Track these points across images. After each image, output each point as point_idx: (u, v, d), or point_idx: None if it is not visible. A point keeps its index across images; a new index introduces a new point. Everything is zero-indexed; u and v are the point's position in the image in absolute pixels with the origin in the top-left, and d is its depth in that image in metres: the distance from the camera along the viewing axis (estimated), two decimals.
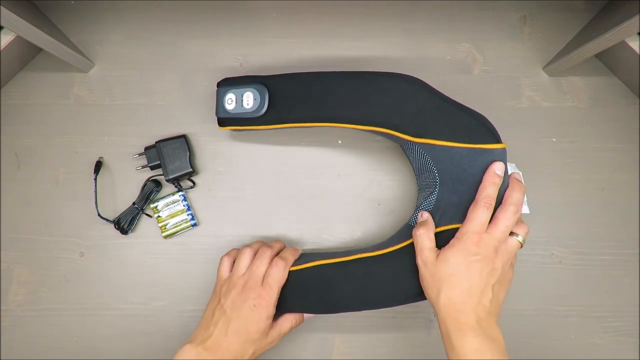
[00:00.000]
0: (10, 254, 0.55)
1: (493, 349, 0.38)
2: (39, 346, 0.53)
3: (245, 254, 0.47)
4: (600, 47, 0.51)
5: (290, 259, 0.47)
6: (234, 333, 0.43)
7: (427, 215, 0.46)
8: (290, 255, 0.48)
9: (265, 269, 0.46)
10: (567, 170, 0.57)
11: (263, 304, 0.44)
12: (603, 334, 0.54)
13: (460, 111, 0.45)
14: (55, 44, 0.51)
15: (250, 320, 0.43)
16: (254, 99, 0.50)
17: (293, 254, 0.48)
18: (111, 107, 0.58)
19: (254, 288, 0.44)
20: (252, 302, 0.44)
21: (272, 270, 0.45)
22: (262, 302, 0.44)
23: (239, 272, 0.46)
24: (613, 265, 0.55)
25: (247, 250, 0.47)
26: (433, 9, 0.60)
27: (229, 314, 0.43)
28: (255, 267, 0.46)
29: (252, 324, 0.43)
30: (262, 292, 0.44)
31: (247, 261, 0.47)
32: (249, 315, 0.43)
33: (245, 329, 0.43)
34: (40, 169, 0.56)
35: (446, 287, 0.41)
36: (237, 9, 0.60)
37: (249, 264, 0.47)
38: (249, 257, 0.47)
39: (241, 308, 0.44)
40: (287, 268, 0.46)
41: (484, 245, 0.41)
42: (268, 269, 0.46)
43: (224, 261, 0.48)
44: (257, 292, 0.44)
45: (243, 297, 0.44)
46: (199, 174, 0.56)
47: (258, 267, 0.46)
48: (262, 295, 0.44)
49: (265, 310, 0.44)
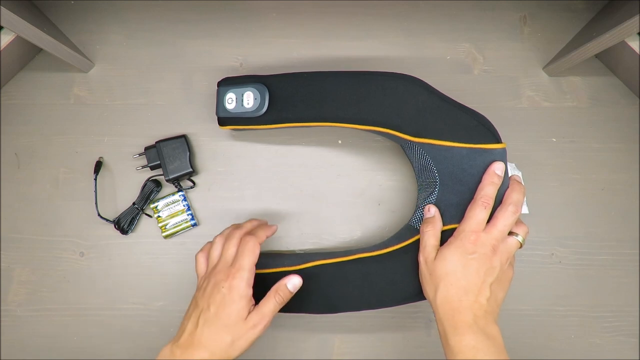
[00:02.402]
0: (10, 254, 0.55)
1: (490, 346, 0.38)
2: (39, 346, 0.53)
3: (217, 242, 0.45)
4: (600, 47, 0.51)
5: (261, 233, 0.45)
6: (205, 323, 0.40)
7: (434, 210, 0.45)
8: (262, 231, 0.46)
9: (235, 249, 0.43)
10: (567, 170, 0.57)
11: (234, 284, 0.41)
12: (603, 334, 0.54)
13: (460, 111, 0.45)
14: (55, 44, 0.51)
15: (221, 305, 0.40)
16: (254, 99, 0.50)
17: (264, 229, 0.46)
18: (111, 107, 0.58)
19: (222, 270, 0.42)
20: (221, 284, 0.41)
21: (240, 247, 0.43)
22: (233, 282, 0.41)
23: (212, 262, 0.44)
24: (613, 265, 0.55)
25: (218, 238, 0.45)
26: (433, 9, 0.60)
27: (200, 305, 0.41)
28: (225, 249, 0.44)
29: (224, 309, 0.40)
30: (231, 271, 0.41)
31: (219, 249, 0.44)
32: (220, 300, 0.40)
33: (217, 316, 0.40)
34: (40, 169, 0.56)
35: (443, 285, 0.41)
36: (237, 9, 0.60)
37: (221, 250, 0.44)
38: (220, 245, 0.45)
39: (212, 295, 0.41)
40: (257, 245, 0.43)
41: (481, 244, 0.41)
42: (238, 247, 0.43)
43: (199, 258, 0.46)
44: (226, 274, 0.41)
45: (213, 283, 0.42)
46: (199, 174, 0.56)
47: (227, 249, 0.43)
48: (231, 275, 0.41)
49: (236, 290, 0.41)
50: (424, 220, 0.46)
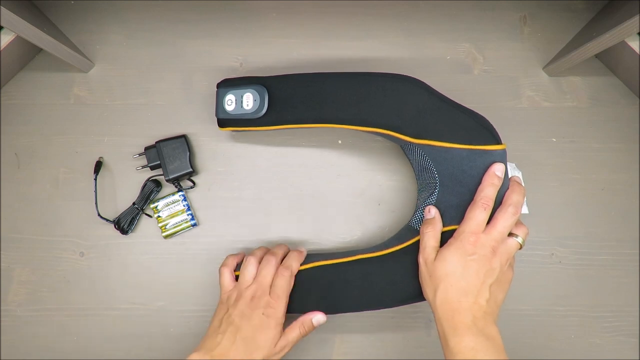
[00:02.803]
0: (10, 254, 0.55)
1: (489, 347, 0.38)
2: (39, 346, 0.53)
3: (251, 263, 0.47)
4: (600, 47, 0.51)
5: (295, 265, 0.47)
6: (242, 341, 0.43)
7: (434, 211, 0.45)
8: (295, 261, 0.47)
9: (271, 278, 0.46)
10: (567, 170, 0.57)
11: (272, 314, 0.44)
12: (603, 334, 0.54)
13: (460, 112, 0.45)
14: (55, 44, 0.51)
15: (259, 329, 0.43)
16: (253, 100, 0.50)
17: (297, 259, 0.48)
18: (111, 107, 0.58)
19: (262, 297, 0.44)
20: (261, 310, 0.44)
21: (279, 280, 0.45)
22: (272, 311, 0.44)
23: (245, 282, 0.46)
24: (613, 265, 0.55)
25: (252, 260, 0.47)
26: (433, 9, 0.60)
27: (237, 323, 0.43)
28: (262, 277, 0.46)
29: (260, 333, 0.43)
30: (271, 301, 0.44)
31: (253, 270, 0.47)
32: (258, 324, 0.43)
33: (254, 338, 0.43)
34: (40, 169, 0.56)
35: (443, 287, 0.41)
36: (237, 9, 0.60)
37: (255, 273, 0.47)
38: (254, 266, 0.47)
39: (250, 317, 0.44)
40: (293, 276, 0.46)
41: (480, 245, 0.41)
42: (274, 279, 0.46)
43: (224, 272, 0.48)
44: (266, 301, 0.44)
45: (252, 306, 0.44)
46: (199, 174, 0.56)
47: (265, 277, 0.46)
48: (271, 304, 0.44)
49: (274, 319, 0.44)
50: (424, 221, 0.46)
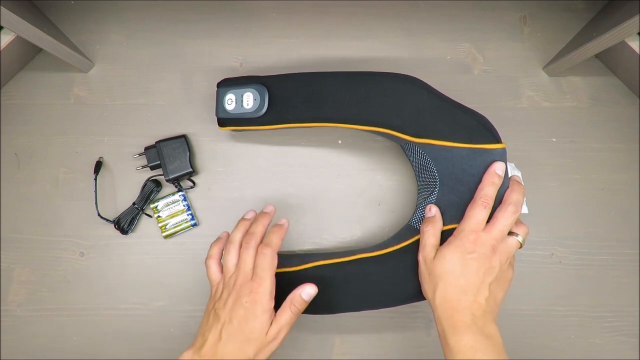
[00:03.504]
0: (10, 254, 0.55)
1: (488, 346, 0.38)
2: (39, 346, 0.53)
3: (231, 251, 0.45)
4: (600, 47, 0.51)
5: (276, 240, 0.45)
6: (228, 336, 0.41)
7: (435, 210, 0.45)
8: (275, 236, 0.45)
9: (252, 260, 0.43)
10: (567, 170, 0.57)
11: (257, 299, 0.41)
12: (603, 334, 0.54)
13: (460, 111, 0.45)
14: (55, 44, 0.51)
15: (244, 320, 0.41)
16: (253, 100, 0.50)
17: (278, 234, 0.45)
18: (111, 107, 0.58)
19: (244, 284, 0.42)
20: (244, 299, 0.42)
21: (259, 260, 0.43)
22: (256, 296, 0.41)
23: (228, 271, 0.44)
24: (613, 265, 0.55)
25: (231, 247, 0.45)
26: (433, 9, 0.60)
27: (222, 318, 0.42)
28: (242, 262, 0.43)
29: (247, 324, 0.41)
30: (253, 285, 0.42)
31: (234, 258, 0.45)
32: (242, 315, 0.41)
33: (241, 330, 0.41)
34: (40, 169, 0.56)
35: (442, 285, 0.41)
36: (237, 9, 0.60)
37: (237, 259, 0.44)
38: (235, 254, 0.45)
39: (234, 309, 0.42)
40: (275, 252, 0.44)
41: (480, 244, 0.41)
42: (255, 259, 0.43)
43: (210, 265, 0.46)
44: (248, 288, 0.42)
45: (235, 296, 0.42)
46: (199, 174, 0.56)
47: (245, 261, 0.43)
48: (253, 289, 0.42)
49: (259, 305, 0.41)
50: (424, 219, 0.46)
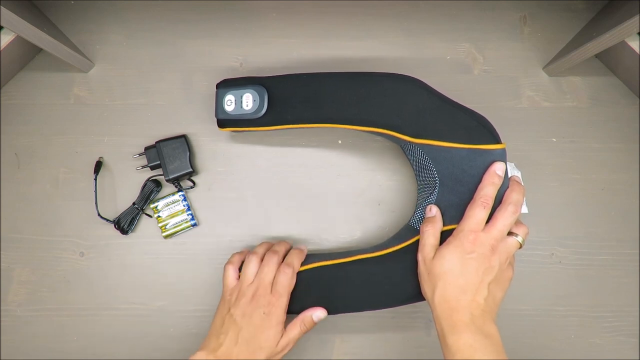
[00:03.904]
0: (10, 254, 0.55)
1: (487, 345, 0.38)
2: (39, 346, 0.53)
3: (252, 261, 0.47)
4: (600, 47, 0.51)
5: (297, 263, 0.47)
6: (245, 342, 0.43)
7: (435, 210, 0.45)
8: (296, 259, 0.48)
9: (273, 275, 0.46)
10: (567, 170, 0.57)
11: (273, 312, 0.44)
12: (603, 334, 0.54)
13: (460, 111, 0.45)
14: (55, 44, 0.51)
15: (260, 329, 0.43)
16: (253, 100, 0.50)
17: (299, 257, 0.48)
18: (111, 107, 0.58)
19: (263, 296, 0.44)
20: (262, 309, 0.44)
21: (280, 277, 0.45)
22: (273, 309, 0.44)
23: (247, 280, 0.46)
24: (613, 265, 0.55)
25: (253, 258, 0.47)
26: (433, 9, 0.60)
27: (239, 323, 0.44)
28: (264, 274, 0.46)
29: (262, 332, 0.43)
30: (272, 299, 0.44)
31: (254, 268, 0.47)
32: (259, 323, 0.43)
33: (256, 337, 0.43)
34: (40, 169, 0.56)
35: (441, 284, 0.41)
36: (237, 9, 0.60)
37: (257, 271, 0.46)
38: (255, 264, 0.47)
39: (252, 316, 0.44)
40: (295, 274, 0.46)
41: (480, 244, 0.41)
42: (276, 276, 0.46)
43: (229, 270, 0.48)
44: (267, 300, 0.44)
45: (253, 306, 0.44)
46: (199, 174, 0.56)
47: (266, 274, 0.46)
48: (272, 303, 0.44)
49: (275, 317, 0.44)
50: (424, 219, 0.46)
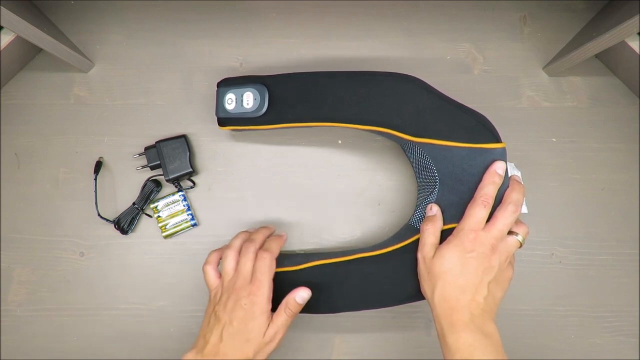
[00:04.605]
0: (10, 254, 0.55)
1: (487, 345, 0.38)
2: (39, 346, 0.53)
3: (229, 256, 0.46)
4: (600, 47, 0.51)
5: (275, 248, 0.46)
6: (229, 337, 0.42)
7: (436, 209, 0.45)
8: (275, 244, 0.47)
9: (251, 265, 0.44)
10: (567, 170, 0.57)
11: (255, 301, 0.43)
12: (603, 334, 0.54)
13: (460, 111, 0.45)
14: (55, 44, 0.51)
15: (244, 321, 0.42)
16: (253, 99, 0.50)
17: (277, 242, 0.47)
18: (111, 107, 0.58)
19: (244, 287, 0.43)
20: (243, 301, 0.43)
21: (258, 263, 0.44)
22: (254, 298, 0.43)
23: (227, 275, 0.45)
24: (613, 265, 0.55)
25: (230, 252, 0.46)
26: (433, 9, 0.60)
27: (222, 319, 0.43)
28: (241, 265, 0.44)
29: (246, 325, 0.42)
30: (251, 288, 0.43)
31: (232, 262, 0.45)
32: (242, 316, 0.42)
33: (241, 331, 0.42)
34: (40, 169, 0.56)
35: (441, 284, 0.41)
36: (237, 9, 0.60)
37: (235, 264, 0.45)
38: (233, 258, 0.46)
39: (234, 310, 0.43)
40: (274, 258, 0.45)
41: (480, 243, 0.41)
42: (255, 263, 0.44)
43: (207, 270, 0.47)
44: (247, 291, 0.43)
45: (234, 299, 0.43)
46: (199, 174, 0.56)
47: (244, 264, 0.44)
48: (252, 292, 0.43)
49: (258, 307, 0.43)
50: (425, 218, 0.46)
